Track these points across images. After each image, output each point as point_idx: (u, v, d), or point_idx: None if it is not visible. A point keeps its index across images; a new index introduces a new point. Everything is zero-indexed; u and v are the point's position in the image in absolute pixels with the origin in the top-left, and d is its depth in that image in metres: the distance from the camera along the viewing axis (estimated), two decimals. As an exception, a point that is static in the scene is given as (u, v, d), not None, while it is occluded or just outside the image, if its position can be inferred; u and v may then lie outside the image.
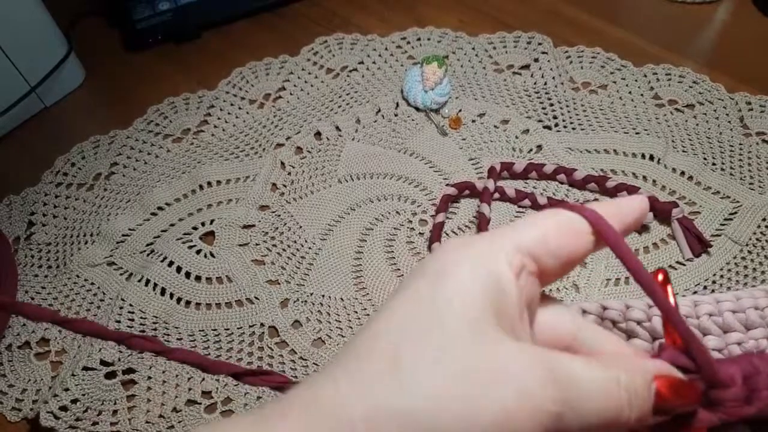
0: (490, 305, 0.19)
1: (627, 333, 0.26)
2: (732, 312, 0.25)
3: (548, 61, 0.65)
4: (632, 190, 0.53)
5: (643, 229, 0.53)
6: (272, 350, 0.48)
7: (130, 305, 0.51)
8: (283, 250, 0.53)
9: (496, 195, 0.54)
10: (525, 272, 0.20)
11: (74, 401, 0.46)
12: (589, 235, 0.21)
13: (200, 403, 0.46)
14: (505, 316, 0.20)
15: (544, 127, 0.60)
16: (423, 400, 0.17)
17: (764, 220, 0.52)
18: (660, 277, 0.21)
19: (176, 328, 0.50)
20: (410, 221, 0.54)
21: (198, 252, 0.54)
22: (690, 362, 0.20)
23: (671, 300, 0.22)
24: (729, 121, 0.59)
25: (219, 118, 0.63)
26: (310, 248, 0.53)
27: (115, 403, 0.46)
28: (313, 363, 0.47)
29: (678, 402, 0.19)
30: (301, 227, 0.55)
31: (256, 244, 0.54)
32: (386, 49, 0.68)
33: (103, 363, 0.47)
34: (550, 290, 0.50)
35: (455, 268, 0.20)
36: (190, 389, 0.46)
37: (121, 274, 0.53)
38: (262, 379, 0.27)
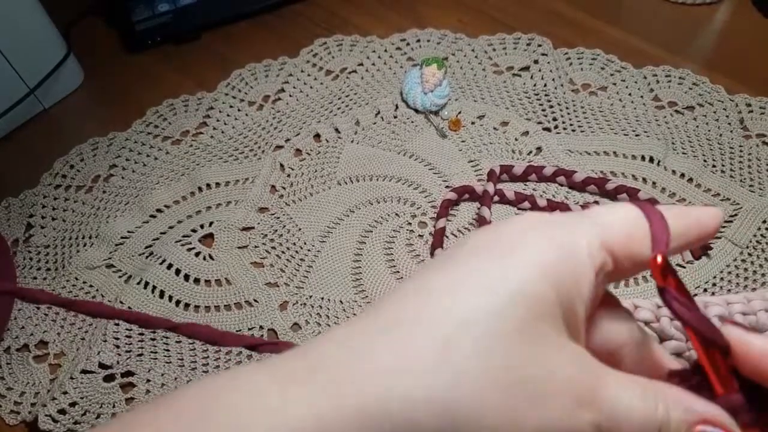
0: (559, 302, 0.17)
1: None
2: (742, 314, 0.25)
3: (548, 62, 0.65)
4: (632, 192, 0.53)
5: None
6: (271, 353, 0.48)
7: (129, 308, 0.51)
8: (283, 252, 0.53)
9: (496, 198, 0.54)
10: (603, 272, 0.19)
11: (73, 404, 0.45)
12: (646, 244, 0.19)
13: (199, 407, 0.46)
14: (572, 316, 0.18)
15: (544, 129, 0.60)
16: (466, 394, 0.16)
17: (764, 222, 0.52)
18: (659, 259, 0.19)
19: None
20: (410, 223, 0.54)
21: (197, 254, 0.54)
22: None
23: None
24: (729, 123, 0.59)
25: (218, 120, 0.63)
26: (309, 250, 0.53)
27: (113, 406, 0.46)
28: (312, 366, 0.47)
29: None
30: (300, 229, 0.54)
31: (255, 247, 0.54)
32: (386, 50, 0.68)
33: (102, 366, 0.47)
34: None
35: (529, 250, 0.18)
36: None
37: (119, 277, 0.53)
38: (277, 349, 0.26)
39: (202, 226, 0.55)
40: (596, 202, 0.53)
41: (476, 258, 0.18)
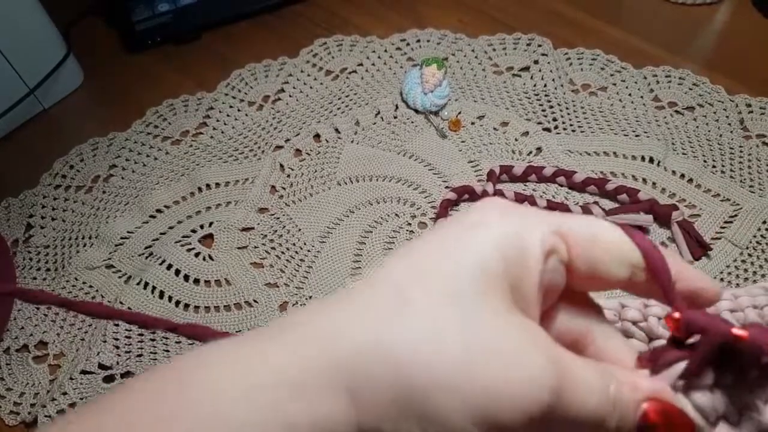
0: (507, 276, 0.18)
1: (622, 333, 0.26)
2: (730, 311, 0.25)
3: (548, 63, 0.65)
4: (632, 192, 0.53)
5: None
6: (271, 354, 0.48)
7: (129, 308, 0.51)
8: (282, 252, 0.53)
9: (496, 198, 0.54)
10: (555, 257, 0.19)
11: (72, 405, 0.45)
12: (630, 267, 0.20)
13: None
14: (520, 293, 0.19)
15: (544, 129, 0.60)
16: (420, 350, 0.17)
17: (764, 223, 0.52)
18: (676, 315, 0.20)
19: (175, 331, 0.49)
20: (409, 224, 0.54)
21: (197, 255, 0.54)
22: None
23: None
24: (729, 124, 0.59)
25: (218, 120, 0.63)
26: (309, 251, 0.53)
27: (113, 407, 0.46)
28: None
29: (666, 429, 0.19)
30: (300, 230, 0.54)
31: (255, 247, 0.54)
32: (386, 50, 0.68)
33: (102, 366, 0.47)
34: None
35: (487, 229, 0.19)
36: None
37: (119, 277, 0.53)
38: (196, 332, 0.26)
39: (201, 227, 0.55)
40: (596, 203, 0.53)
41: (446, 230, 0.20)
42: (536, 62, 0.65)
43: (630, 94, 0.62)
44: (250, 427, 0.16)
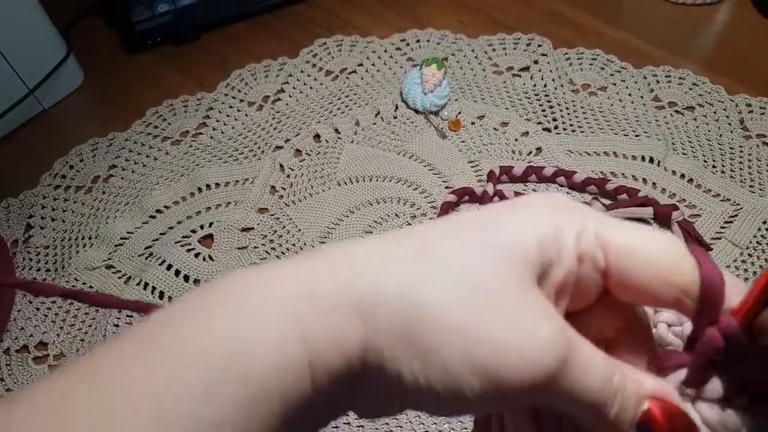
0: (538, 264, 0.18)
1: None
2: None
3: (548, 63, 0.65)
4: (632, 192, 0.53)
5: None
6: (271, 354, 0.48)
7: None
8: (282, 253, 0.53)
9: (496, 199, 0.54)
10: (589, 262, 0.19)
11: (72, 405, 0.45)
12: (678, 291, 0.19)
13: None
14: (545, 283, 0.19)
15: (544, 129, 0.60)
16: (444, 300, 0.17)
17: (765, 223, 0.52)
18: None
19: (175, 331, 0.49)
20: (409, 224, 0.54)
21: (196, 255, 0.54)
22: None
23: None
24: (729, 123, 0.59)
25: (218, 121, 0.63)
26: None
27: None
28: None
29: (667, 429, 0.19)
30: (300, 230, 0.54)
31: (255, 247, 0.54)
32: (385, 51, 0.68)
33: (102, 367, 0.47)
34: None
35: (529, 216, 0.19)
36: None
37: (119, 278, 0.53)
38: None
39: (201, 227, 0.55)
40: (596, 198, 0.53)
41: (490, 209, 0.20)
42: (536, 62, 0.65)
43: (630, 94, 0.62)
44: (272, 330, 0.17)
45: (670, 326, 0.24)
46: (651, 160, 0.57)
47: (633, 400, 0.19)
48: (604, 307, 0.21)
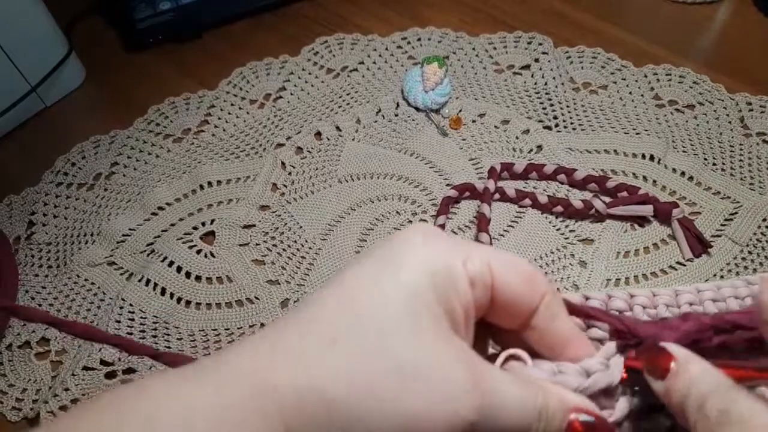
0: (438, 300, 0.19)
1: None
2: (712, 301, 0.25)
3: (549, 61, 0.65)
4: (632, 190, 0.53)
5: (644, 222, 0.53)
6: (272, 350, 0.48)
7: (131, 305, 0.51)
8: (284, 250, 0.53)
9: (497, 195, 0.54)
10: (481, 283, 0.20)
11: (74, 401, 0.46)
12: (537, 292, 0.21)
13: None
14: (451, 316, 0.20)
15: (545, 127, 0.60)
16: (351, 386, 0.18)
17: (764, 220, 0.52)
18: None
19: (176, 327, 0.50)
20: (410, 221, 0.54)
21: (198, 252, 0.54)
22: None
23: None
24: (729, 122, 0.59)
25: (219, 118, 0.63)
26: (310, 248, 0.53)
27: (115, 403, 0.46)
28: (314, 363, 0.47)
29: None
30: (301, 227, 0.55)
31: (257, 244, 0.54)
32: (387, 49, 0.68)
33: (104, 363, 0.48)
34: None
35: (411, 257, 0.20)
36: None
37: (121, 274, 0.53)
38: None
39: (203, 224, 0.55)
40: (596, 196, 0.53)
41: (374, 259, 0.20)
42: (537, 60, 0.65)
43: (630, 93, 0.62)
44: None
45: (644, 308, 0.25)
46: (651, 158, 0.57)
47: (558, 417, 0.20)
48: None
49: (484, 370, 0.20)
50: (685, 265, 0.51)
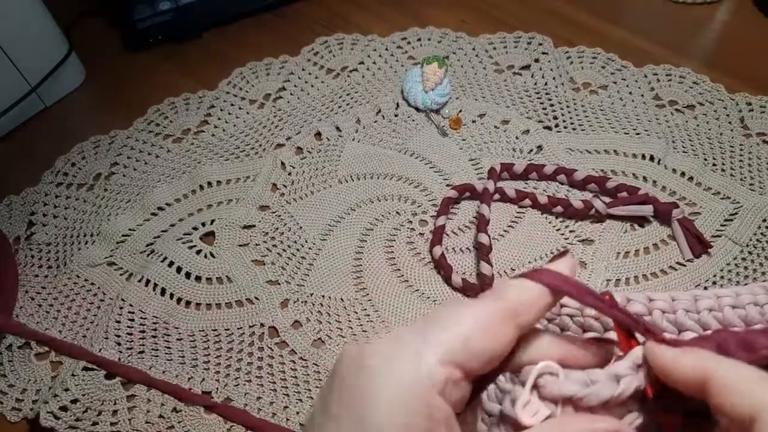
0: (418, 423, 0.19)
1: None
2: (732, 307, 0.25)
3: (549, 61, 0.65)
4: (632, 190, 0.53)
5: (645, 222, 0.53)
6: (272, 350, 0.48)
7: (130, 305, 0.51)
8: (284, 250, 0.53)
9: (497, 196, 0.54)
10: (450, 384, 0.20)
11: (74, 401, 0.46)
12: (510, 326, 0.21)
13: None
14: (432, 421, 0.20)
15: (545, 127, 0.60)
16: None
17: (765, 221, 0.52)
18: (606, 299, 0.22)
19: (176, 328, 0.50)
20: (410, 221, 0.54)
21: (198, 252, 0.54)
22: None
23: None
24: (729, 122, 0.59)
25: (219, 119, 0.63)
26: (310, 248, 0.53)
27: (115, 404, 0.46)
28: (313, 363, 0.47)
29: None
30: (301, 227, 0.55)
31: (256, 245, 0.54)
32: (386, 49, 0.68)
33: (103, 363, 0.47)
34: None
35: (379, 391, 0.20)
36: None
37: (121, 275, 0.53)
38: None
39: (203, 224, 0.55)
40: (596, 196, 0.53)
41: (347, 392, 0.20)
42: (537, 61, 0.65)
43: (630, 93, 0.62)
44: None
45: (664, 313, 0.25)
46: (651, 158, 0.57)
47: None
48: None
49: None
50: (685, 266, 0.51)
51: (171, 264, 0.53)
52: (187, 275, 0.52)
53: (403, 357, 0.20)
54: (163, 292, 0.52)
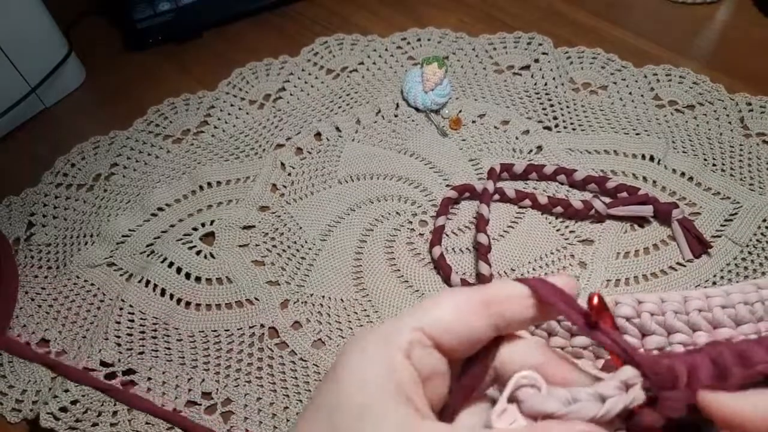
0: (382, 384, 0.20)
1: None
2: (722, 307, 0.25)
3: (548, 61, 0.65)
4: (632, 190, 0.53)
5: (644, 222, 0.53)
6: (272, 351, 0.48)
7: (130, 306, 0.51)
8: (283, 251, 0.53)
9: (496, 196, 0.54)
10: (417, 347, 0.21)
11: (74, 402, 0.46)
12: (483, 313, 0.21)
13: (200, 404, 0.46)
14: (404, 395, 0.20)
15: (545, 127, 0.60)
16: None
17: (764, 221, 0.52)
18: (596, 300, 0.22)
19: (176, 329, 0.50)
20: (410, 222, 0.54)
21: (198, 253, 0.54)
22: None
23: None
24: (729, 122, 0.59)
25: (219, 119, 0.63)
26: (310, 249, 0.53)
27: (114, 404, 0.46)
28: (313, 364, 0.47)
29: None
30: (301, 228, 0.55)
31: (256, 245, 0.54)
32: (386, 49, 0.68)
33: (103, 364, 0.48)
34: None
35: (349, 361, 0.21)
36: (190, 390, 0.46)
37: (121, 275, 0.53)
38: None
39: (203, 225, 0.55)
40: (596, 196, 0.53)
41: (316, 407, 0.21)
42: (537, 61, 0.65)
43: (630, 93, 0.62)
44: None
45: (653, 315, 0.25)
46: (651, 159, 0.57)
47: None
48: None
49: None
50: (685, 266, 0.51)
51: (171, 265, 0.53)
52: (187, 276, 0.52)
53: (375, 332, 0.21)
54: (163, 292, 0.52)
